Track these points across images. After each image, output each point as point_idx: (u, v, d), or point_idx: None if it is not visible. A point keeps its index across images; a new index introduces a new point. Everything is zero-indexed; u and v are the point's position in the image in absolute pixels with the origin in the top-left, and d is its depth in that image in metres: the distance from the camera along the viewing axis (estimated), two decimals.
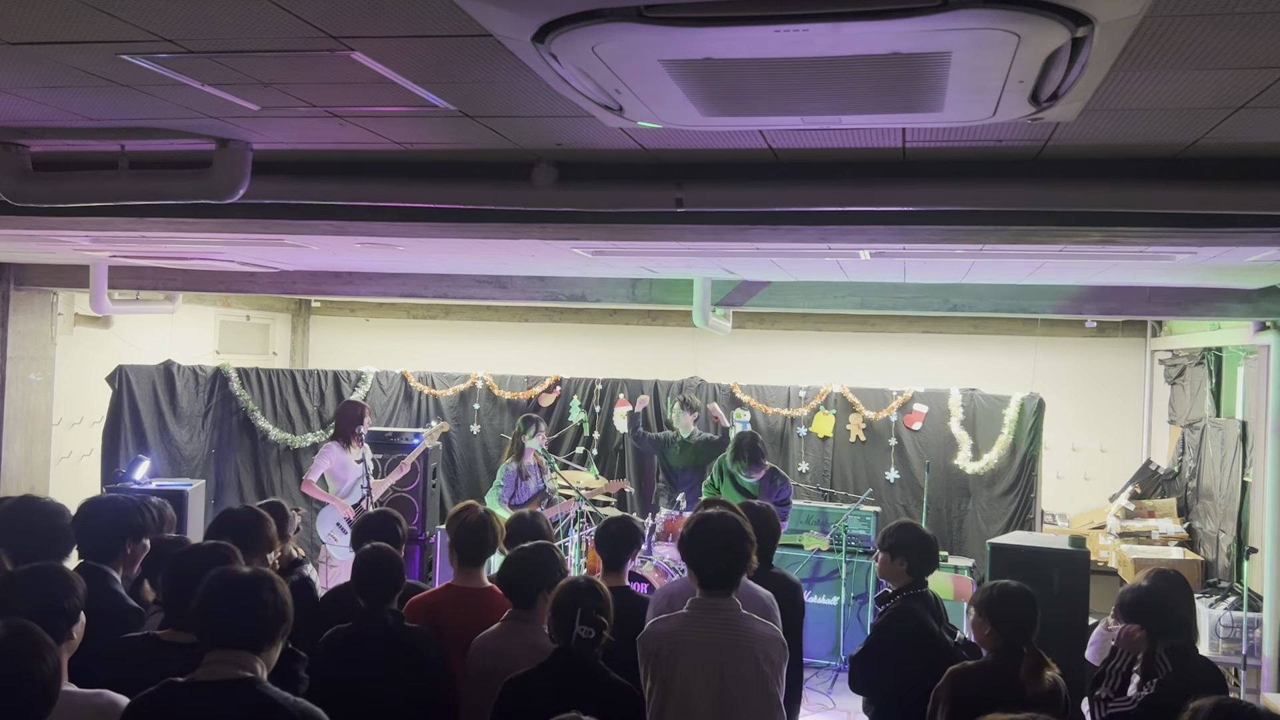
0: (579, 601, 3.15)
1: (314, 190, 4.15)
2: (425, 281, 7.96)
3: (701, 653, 3.28)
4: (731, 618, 3.35)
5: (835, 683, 7.16)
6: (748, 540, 3.44)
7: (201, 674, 2.57)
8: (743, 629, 3.33)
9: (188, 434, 9.34)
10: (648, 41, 2.28)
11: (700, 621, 3.34)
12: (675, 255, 5.74)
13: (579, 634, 3.11)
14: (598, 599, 3.19)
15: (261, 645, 2.64)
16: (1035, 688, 3.38)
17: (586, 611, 3.12)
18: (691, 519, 3.53)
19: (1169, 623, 3.63)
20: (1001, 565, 5.93)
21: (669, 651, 3.31)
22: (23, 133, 3.80)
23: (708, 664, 3.27)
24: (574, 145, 3.73)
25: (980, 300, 7.18)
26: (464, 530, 3.97)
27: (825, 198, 3.82)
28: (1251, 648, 6.47)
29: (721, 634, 3.31)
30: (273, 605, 2.66)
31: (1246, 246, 4.44)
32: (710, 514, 3.51)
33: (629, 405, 9.21)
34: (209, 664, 2.59)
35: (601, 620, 3.15)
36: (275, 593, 2.68)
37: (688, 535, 3.44)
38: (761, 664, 3.28)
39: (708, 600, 3.37)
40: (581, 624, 3.11)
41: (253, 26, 2.48)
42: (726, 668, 3.27)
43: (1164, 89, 2.77)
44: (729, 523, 3.45)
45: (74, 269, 7.95)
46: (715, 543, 3.39)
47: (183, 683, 2.56)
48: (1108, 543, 8.22)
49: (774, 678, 3.30)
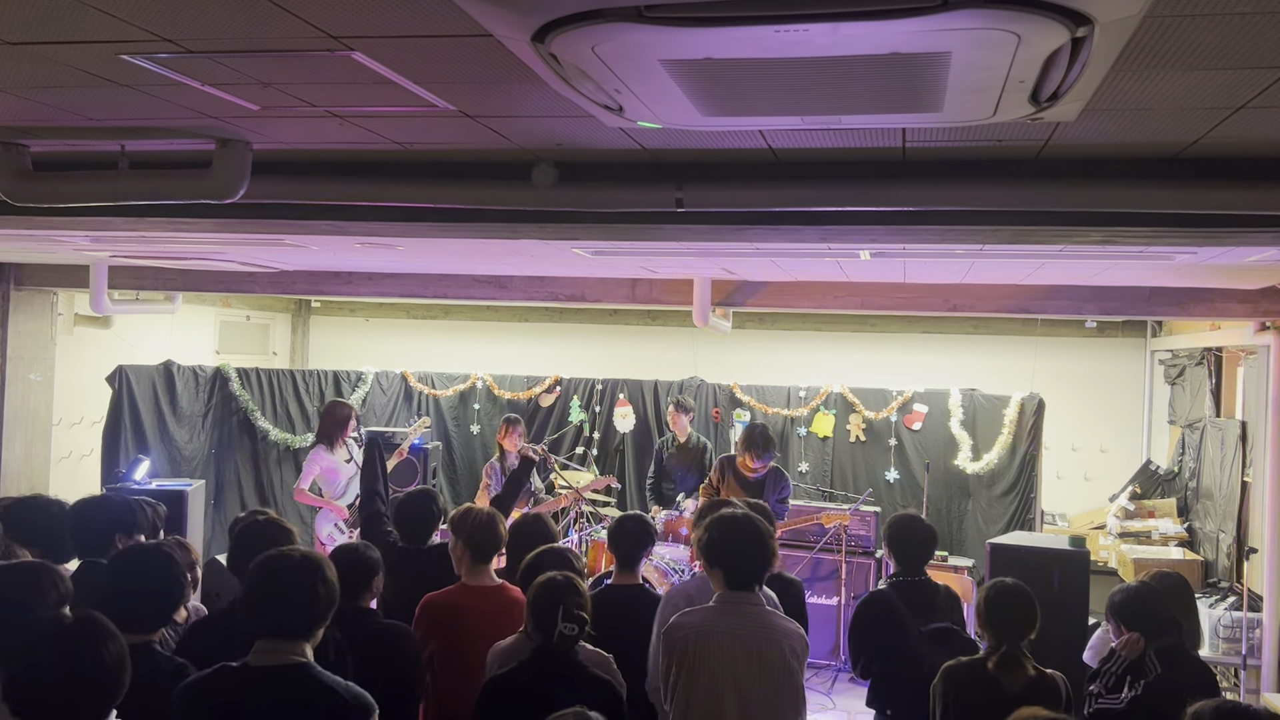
0: (560, 599, 3.18)
1: (314, 190, 4.15)
2: (425, 281, 7.96)
3: (729, 642, 3.38)
4: (758, 611, 3.45)
5: (835, 683, 7.16)
6: (773, 540, 3.54)
7: (254, 659, 2.64)
8: (769, 622, 3.44)
9: (188, 434, 9.34)
10: (648, 41, 2.28)
11: (728, 614, 3.44)
12: (675, 255, 5.74)
13: (562, 630, 3.14)
14: (578, 595, 3.23)
15: (312, 633, 2.71)
16: (1011, 685, 3.43)
17: (568, 609, 3.15)
18: (715, 521, 3.54)
19: (1157, 623, 3.68)
20: (1001, 565, 5.93)
21: (697, 640, 3.40)
22: (23, 133, 3.80)
23: (735, 653, 3.37)
24: (574, 145, 3.73)
25: (980, 300, 7.18)
26: (478, 528, 4.05)
27: (825, 198, 3.82)
28: (1251, 648, 6.47)
29: (749, 625, 3.41)
30: (325, 596, 2.71)
31: (1246, 246, 4.44)
32: (736, 515, 3.56)
33: (628, 406, 9.24)
34: (260, 650, 2.65)
35: (583, 617, 3.19)
36: (326, 581, 2.72)
37: (717, 538, 3.48)
38: (788, 656, 3.38)
39: (733, 595, 3.47)
40: (564, 621, 3.13)
41: (253, 26, 2.48)
42: (754, 657, 3.37)
43: (1164, 89, 2.77)
44: (755, 524, 3.52)
45: (74, 269, 7.95)
46: (744, 544, 3.46)
47: (236, 667, 2.64)
48: (1108, 543, 8.22)
49: (798, 670, 3.41)
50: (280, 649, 2.64)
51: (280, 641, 2.65)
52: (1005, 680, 3.45)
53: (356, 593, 3.56)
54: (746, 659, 3.36)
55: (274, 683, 2.60)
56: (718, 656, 3.36)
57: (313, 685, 2.61)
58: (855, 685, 6.86)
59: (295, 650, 2.65)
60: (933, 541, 4.32)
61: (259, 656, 2.64)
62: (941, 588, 4.28)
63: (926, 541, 4.27)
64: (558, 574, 3.32)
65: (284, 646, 2.64)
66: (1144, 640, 3.65)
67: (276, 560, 2.75)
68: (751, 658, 3.36)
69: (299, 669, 2.63)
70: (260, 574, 2.73)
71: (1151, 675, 3.56)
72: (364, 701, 2.65)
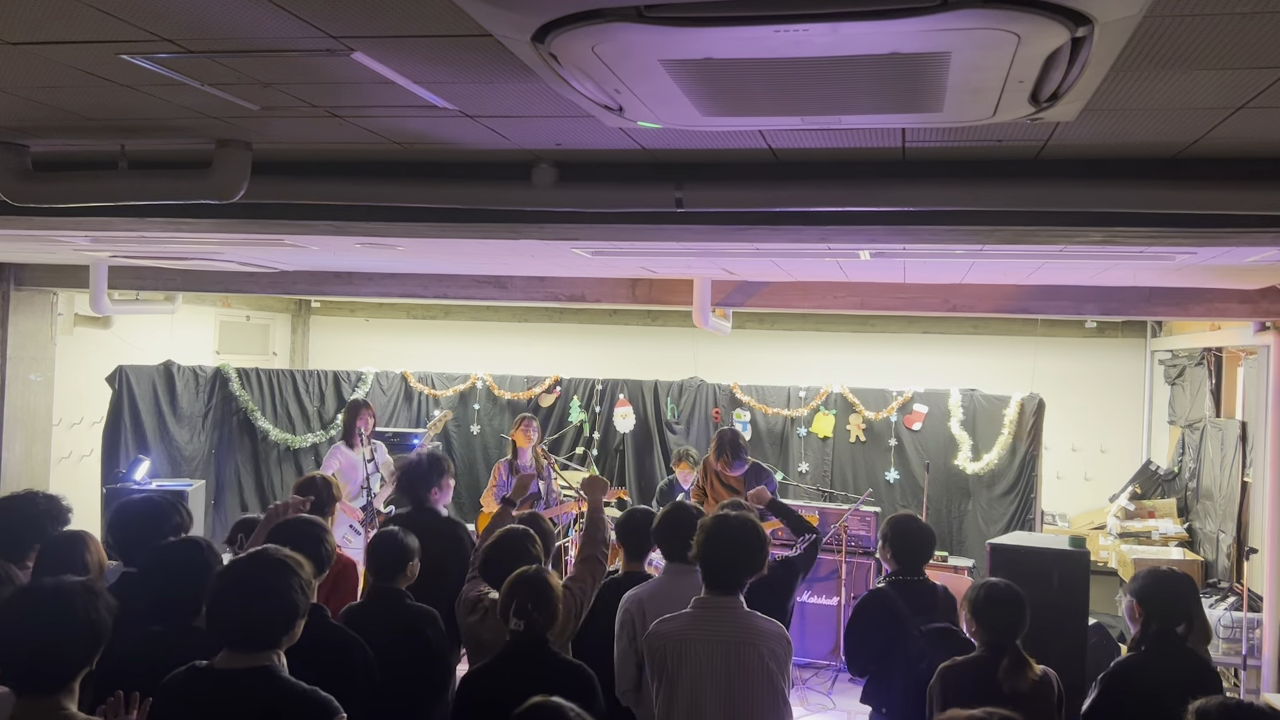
0: (515, 594, 3.31)
1: (314, 190, 4.16)
2: (425, 281, 7.96)
3: (708, 649, 3.33)
4: (736, 615, 3.39)
5: (835, 683, 7.16)
6: (763, 544, 3.47)
7: (220, 661, 2.65)
8: (748, 625, 3.38)
9: (188, 434, 9.34)
10: (648, 41, 2.28)
11: (706, 619, 3.39)
12: (675, 255, 5.74)
13: (512, 626, 3.27)
14: (534, 593, 3.31)
15: (279, 643, 2.69)
16: (1014, 686, 3.44)
17: (521, 604, 3.28)
18: (709, 520, 3.54)
19: (1161, 606, 3.63)
20: (1001, 566, 5.93)
21: (675, 649, 3.36)
22: (23, 132, 3.80)
23: (714, 659, 3.33)
24: (574, 145, 3.73)
25: (980, 300, 7.18)
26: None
27: (825, 198, 3.82)
28: (1251, 648, 6.47)
29: (727, 630, 3.36)
30: (289, 605, 2.67)
31: (1246, 246, 4.44)
32: (728, 518, 3.52)
33: (629, 406, 9.23)
34: (226, 654, 2.66)
35: (534, 615, 3.28)
36: (292, 590, 2.68)
37: (703, 539, 3.46)
38: (767, 659, 3.33)
39: (713, 599, 3.41)
40: (515, 616, 3.27)
41: (253, 26, 2.48)
42: (733, 663, 3.32)
43: (1164, 89, 2.77)
44: (745, 529, 3.46)
45: (74, 269, 7.95)
46: (727, 548, 3.41)
47: (204, 667, 2.65)
48: (1108, 543, 8.22)
49: (780, 673, 3.35)
50: (245, 656, 2.64)
51: (244, 654, 2.65)
52: (1001, 679, 3.47)
53: (392, 575, 3.91)
54: (726, 664, 3.32)
55: (239, 687, 2.60)
56: (697, 663, 3.33)
57: (277, 688, 2.60)
58: (855, 685, 6.84)
59: (262, 656, 2.64)
60: (932, 541, 4.33)
61: (226, 659, 2.64)
62: (940, 588, 4.29)
63: (926, 541, 4.28)
64: (531, 568, 3.43)
65: (251, 654, 2.65)
66: (1142, 609, 3.63)
67: (234, 576, 2.75)
68: (731, 662, 3.31)
69: (263, 672, 2.62)
70: (219, 591, 2.70)
71: (1135, 652, 3.59)
72: (328, 705, 2.64)
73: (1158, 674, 3.47)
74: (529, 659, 3.27)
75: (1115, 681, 3.53)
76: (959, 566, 7.82)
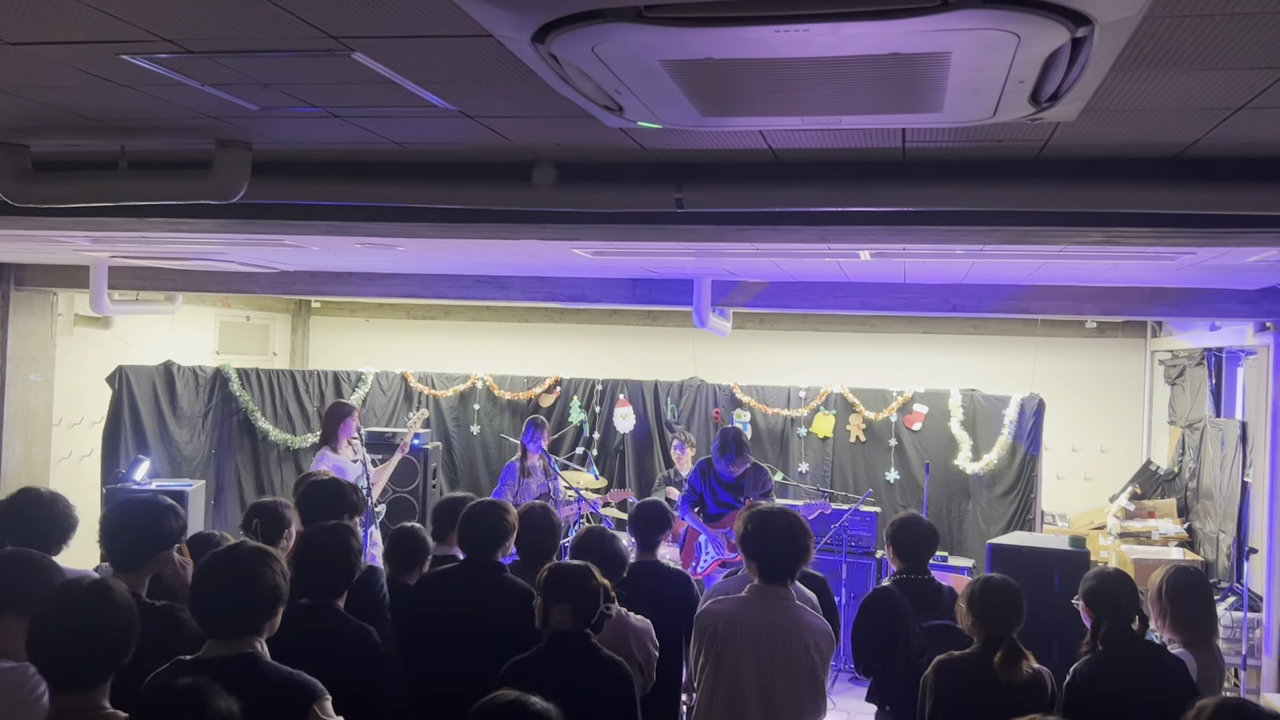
0: (548, 588, 3.30)
1: (314, 190, 4.16)
2: (425, 281, 7.96)
3: (755, 633, 3.53)
4: (787, 605, 3.59)
5: (835, 682, 7.15)
6: (808, 536, 3.68)
7: (205, 652, 2.72)
8: (797, 617, 3.57)
9: (188, 434, 9.33)
10: (648, 41, 2.28)
11: (757, 606, 3.59)
12: (675, 255, 5.75)
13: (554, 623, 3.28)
14: (570, 583, 3.30)
15: (261, 629, 2.77)
16: (1010, 678, 3.47)
17: (558, 598, 3.29)
18: (752, 515, 3.73)
19: (1109, 606, 3.67)
20: (1001, 566, 5.93)
21: (725, 629, 3.56)
22: (23, 133, 3.80)
23: (760, 643, 3.52)
24: (574, 145, 3.73)
25: (980, 300, 7.18)
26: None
27: (825, 198, 3.82)
28: (1252, 648, 6.47)
29: (776, 618, 3.55)
30: (272, 590, 2.76)
31: (1246, 246, 4.44)
32: (773, 511, 3.75)
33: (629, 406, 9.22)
34: (211, 646, 2.73)
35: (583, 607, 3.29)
36: (271, 575, 2.77)
37: (751, 531, 3.65)
38: (811, 651, 3.51)
39: (765, 587, 3.62)
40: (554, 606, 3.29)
41: (253, 26, 2.48)
42: (778, 649, 3.51)
43: (1164, 89, 2.77)
44: (789, 521, 3.68)
45: (74, 269, 7.95)
46: (776, 539, 3.62)
47: (189, 660, 2.71)
48: (1108, 543, 8.22)
49: (821, 666, 3.54)
50: (228, 645, 2.72)
51: (228, 640, 2.72)
52: (997, 670, 3.49)
53: (410, 569, 4.11)
54: (771, 650, 3.50)
55: (220, 676, 2.62)
56: (743, 645, 3.51)
57: (258, 674, 2.68)
58: (856, 685, 6.86)
59: (244, 644, 2.72)
60: (935, 540, 4.39)
61: (210, 650, 2.72)
62: (946, 587, 4.32)
63: (929, 539, 4.34)
64: (564, 564, 3.45)
65: (234, 642, 2.72)
66: (1089, 611, 3.72)
67: (217, 565, 2.82)
68: (776, 649, 3.50)
69: (245, 660, 2.69)
70: (201, 579, 2.79)
71: (1092, 654, 3.63)
72: (312, 687, 2.71)
73: (1119, 669, 3.53)
74: (571, 652, 3.27)
75: (1078, 694, 3.56)
76: (959, 567, 7.81)
